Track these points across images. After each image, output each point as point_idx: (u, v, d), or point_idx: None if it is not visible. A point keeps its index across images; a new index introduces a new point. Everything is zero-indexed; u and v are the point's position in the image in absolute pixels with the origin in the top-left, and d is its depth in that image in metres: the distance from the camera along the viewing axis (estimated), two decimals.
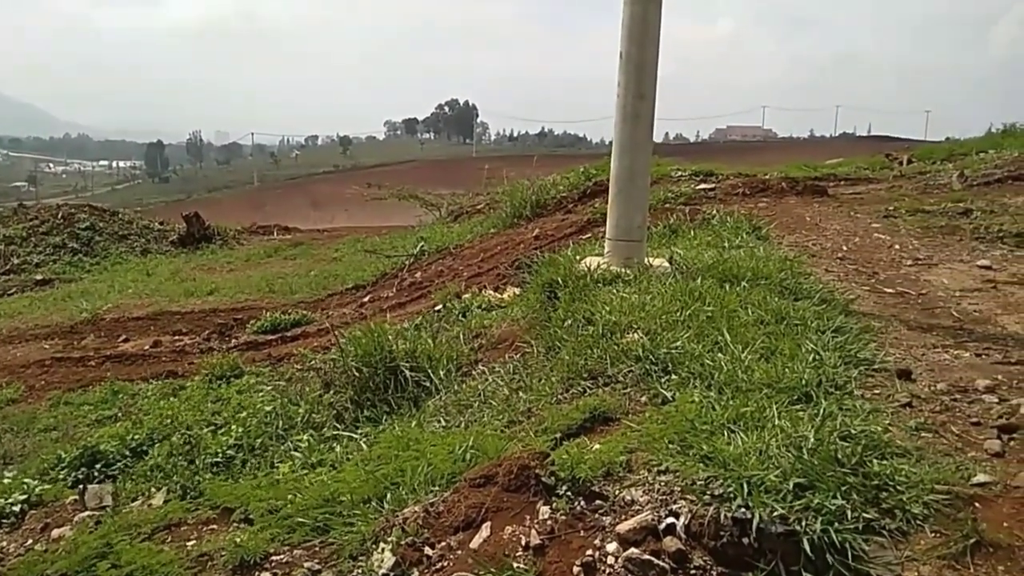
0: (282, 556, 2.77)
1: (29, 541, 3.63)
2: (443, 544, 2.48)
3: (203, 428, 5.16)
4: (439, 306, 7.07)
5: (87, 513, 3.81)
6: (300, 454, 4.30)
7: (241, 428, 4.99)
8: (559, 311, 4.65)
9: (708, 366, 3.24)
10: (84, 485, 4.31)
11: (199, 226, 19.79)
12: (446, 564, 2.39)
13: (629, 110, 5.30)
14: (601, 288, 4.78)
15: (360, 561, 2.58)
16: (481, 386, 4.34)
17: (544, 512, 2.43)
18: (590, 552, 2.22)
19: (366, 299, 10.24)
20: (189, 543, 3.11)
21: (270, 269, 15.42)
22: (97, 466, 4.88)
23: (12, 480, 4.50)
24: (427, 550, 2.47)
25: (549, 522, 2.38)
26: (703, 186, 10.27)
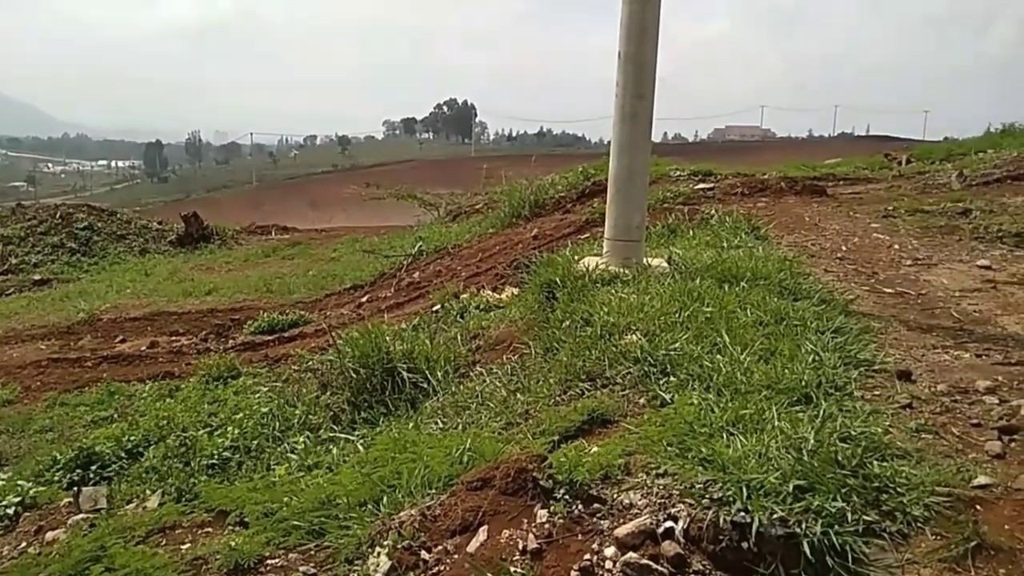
0: (277, 560, 2.75)
1: (23, 544, 3.61)
2: (440, 548, 2.45)
3: (199, 430, 5.12)
4: (437, 306, 7.05)
5: (81, 516, 3.78)
6: (296, 456, 4.27)
7: (237, 430, 4.96)
8: (557, 312, 4.63)
9: (707, 368, 3.22)
10: (79, 487, 4.28)
11: (197, 226, 19.76)
12: (443, 568, 2.36)
13: (627, 109, 5.28)
14: (599, 288, 4.76)
15: (356, 565, 2.55)
16: (479, 387, 4.32)
17: (542, 516, 2.40)
18: (588, 556, 2.19)
19: (364, 299, 10.21)
20: (183, 546, 3.08)
21: (268, 269, 15.40)
22: (92, 468, 4.85)
23: (7, 482, 4.47)
24: (423, 554, 2.44)
25: (547, 526, 2.36)
26: (702, 186, 10.26)
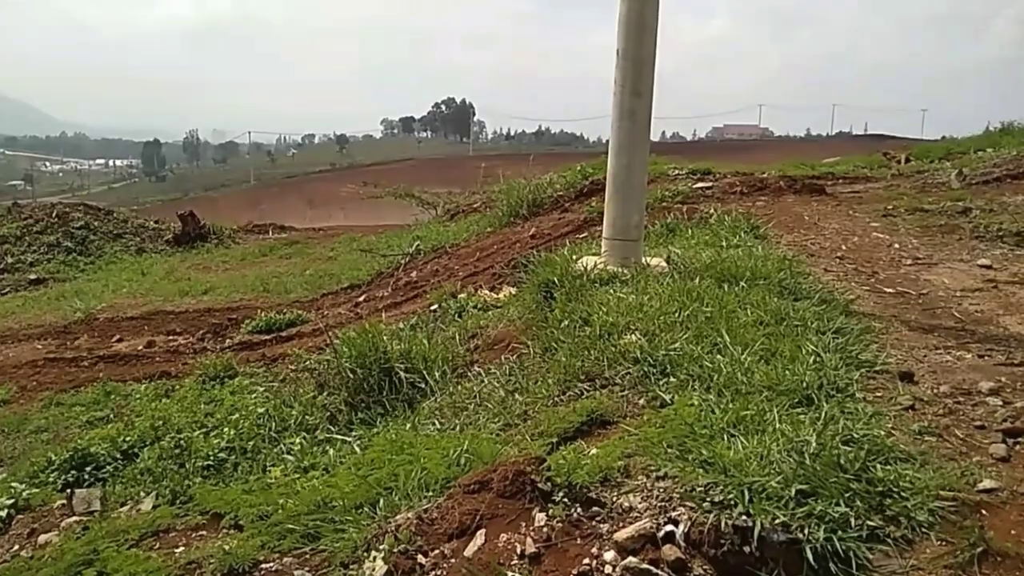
0: (272, 564, 2.71)
1: (15, 547, 3.57)
2: (436, 552, 2.42)
3: (195, 430, 5.07)
4: (435, 306, 7.01)
5: (74, 518, 3.75)
6: (292, 457, 4.24)
7: (233, 430, 4.92)
8: (556, 311, 4.60)
9: (707, 368, 3.19)
10: (72, 489, 4.24)
11: (194, 225, 19.67)
12: (439, 573, 2.33)
13: (626, 107, 5.25)
14: (598, 288, 4.73)
15: (351, 569, 2.53)
16: (477, 388, 4.29)
17: (540, 519, 2.37)
18: (587, 561, 2.16)
19: (361, 299, 10.17)
20: (177, 550, 3.05)
21: (265, 268, 15.33)
22: (87, 469, 4.80)
23: (0, 484, 4.43)
24: (420, 558, 2.41)
25: (545, 529, 2.33)
26: (700, 185, 10.22)
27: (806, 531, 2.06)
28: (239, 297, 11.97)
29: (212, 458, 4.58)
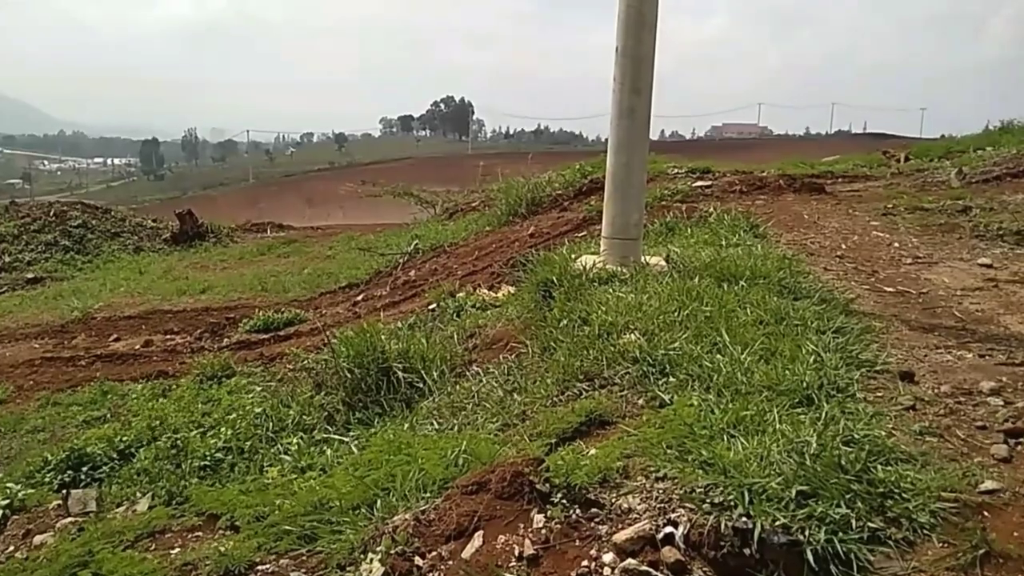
0: (268, 566, 2.69)
1: (10, 548, 3.55)
2: (434, 554, 2.39)
3: (192, 430, 5.06)
4: (433, 305, 6.99)
5: (70, 519, 3.72)
6: (289, 458, 4.21)
7: (230, 430, 4.90)
8: (554, 311, 4.58)
9: (707, 368, 3.17)
10: (68, 490, 4.22)
11: (192, 224, 19.63)
12: (437, 575, 2.31)
13: (625, 105, 5.22)
14: (597, 287, 4.71)
15: (348, 571, 2.50)
16: (475, 387, 4.27)
17: (538, 521, 2.35)
18: (586, 563, 2.14)
19: (359, 298, 10.15)
20: (173, 551, 3.03)
21: (263, 267, 15.30)
22: (83, 469, 4.80)
23: None
24: (417, 560, 2.38)
25: (543, 531, 2.30)
26: (700, 183, 10.19)
27: (807, 533, 2.04)
28: (237, 296, 11.95)
29: (209, 458, 4.56)
